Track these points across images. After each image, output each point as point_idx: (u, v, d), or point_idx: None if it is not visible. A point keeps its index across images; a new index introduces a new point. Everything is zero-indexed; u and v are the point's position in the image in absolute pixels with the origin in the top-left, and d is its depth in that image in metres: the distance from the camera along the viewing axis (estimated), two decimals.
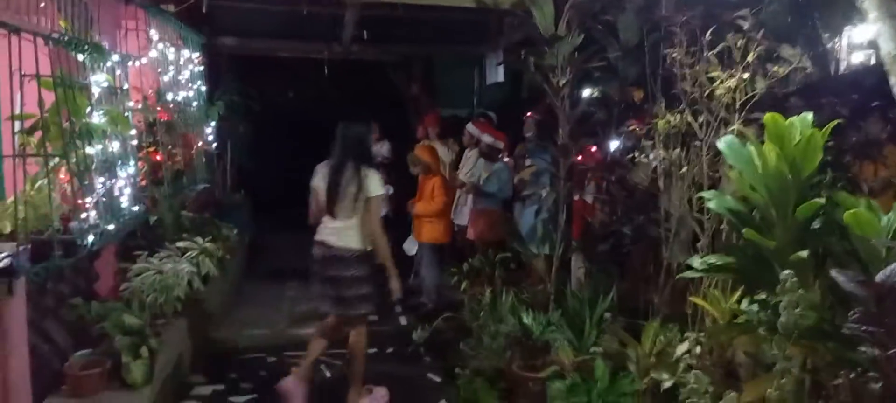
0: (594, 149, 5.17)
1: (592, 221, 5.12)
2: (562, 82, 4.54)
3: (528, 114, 7.24)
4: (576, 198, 5.30)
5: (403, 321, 6.43)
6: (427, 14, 8.14)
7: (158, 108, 6.11)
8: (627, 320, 4.35)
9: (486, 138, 7.00)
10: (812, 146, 2.75)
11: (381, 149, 8.74)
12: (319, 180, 4.62)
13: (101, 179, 4.38)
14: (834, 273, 2.17)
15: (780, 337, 2.28)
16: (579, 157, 4.99)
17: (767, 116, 2.85)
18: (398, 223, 7.59)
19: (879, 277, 2.04)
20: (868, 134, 4.36)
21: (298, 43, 9.21)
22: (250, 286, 7.54)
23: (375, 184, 4.42)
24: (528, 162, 6.72)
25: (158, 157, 5.78)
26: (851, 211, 2.52)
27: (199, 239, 5.36)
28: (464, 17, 8.30)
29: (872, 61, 6.50)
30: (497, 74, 9.52)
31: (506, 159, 7.16)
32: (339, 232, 4.46)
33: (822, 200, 2.67)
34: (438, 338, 5.56)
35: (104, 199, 4.39)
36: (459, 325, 5.38)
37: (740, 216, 3.01)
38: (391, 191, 8.28)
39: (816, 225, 2.88)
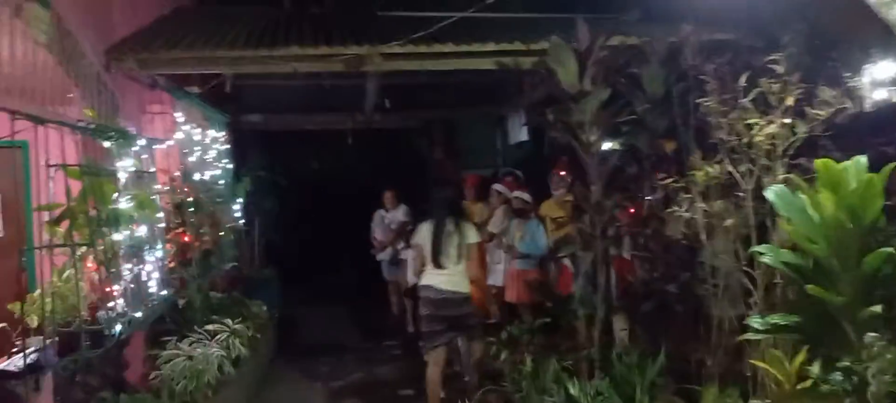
0: (632, 210, 5.02)
1: (633, 279, 4.91)
2: (591, 138, 4.42)
3: (555, 170, 7.11)
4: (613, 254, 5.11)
5: (441, 394, 6.18)
6: (447, 78, 8.18)
7: (185, 189, 6.12)
8: (678, 384, 4.10)
9: (519, 195, 6.88)
10: (871, 191, 2.57)
11: (397, 215, 8.60)
12: (423, 237, 5.27)
13: (129, 265, 4.33)
14: None
15: None
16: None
17: (819, 162, 2.68)
18: None
19: None
20: None
21: (322, 115, 9.31)
22: (283, 364, 7.37)
23: (472, 233, 5.29)
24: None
25: (186, 238, 5.75)
26: None
27: (229, 321, 5.26)
28: (484, 80, 8.33)
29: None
30: (520, 133, 9.46)
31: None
32: (450, 279, 5.17)
33: (891, 249, 2.47)
34: None
35: (132, 286, 4.34)
36: (502, 398, 5.12)
37: (799, 270, 2.81)
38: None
39: (884, 275, 2.66)
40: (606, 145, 5.21)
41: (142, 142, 4.88)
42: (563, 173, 6.81)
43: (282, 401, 6.08)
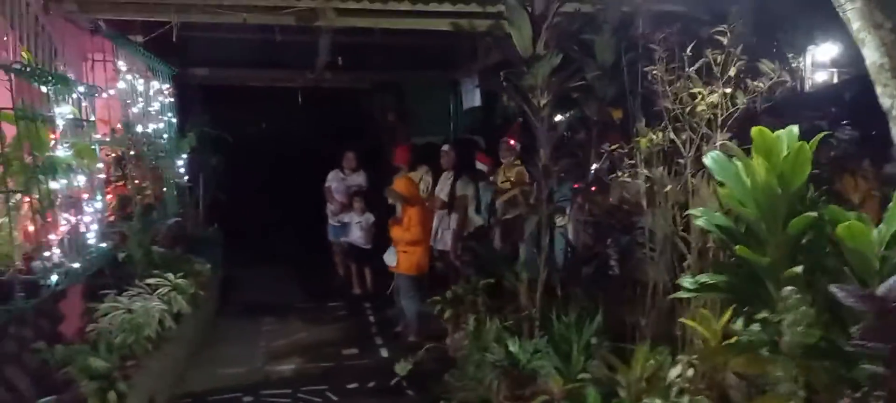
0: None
1: (576, 244, 5.04)
2: (542, 103, 4.48)
3: (505, 138, 7.18)
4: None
5: (385, 353, 6.26)
6: (400, 39, 8.09)
7: (127, 141, 5.93)
8: (615, 344, 4.25)
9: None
10: (801, 159, 2.71)
11: (357, 178, 8.58)
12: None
13: (66, 215, 4.20)
14: (833, 288, 2.10)
15: (785, 358, 2.19)
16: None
17: (755, 130, 2.80)
18: (379, 254, 7.41)
19: (881, 291, 1.97)
20: (846, 147, 4.38)
21: (271, 71, 9.10)
22: (225, 322, 7.29)
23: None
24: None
25: (127, 191, 5.60)
26: (844, 224, 2.47)
27: (171, 276, 5.16)
28: (437, 42, 8.27)
29: (834, 79, 6.64)
30: (473, 99, 9.48)
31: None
32: None
33: (814, 214, 2.62)
34: (421, 370, 5.40)
35: (69, 236, 4.21)
36: (443, 356, 5.22)
37: (730, 232, 2.95)
38: (372, 220, 8.14)
39: (808, 239, 2.82)
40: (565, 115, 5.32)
41: (81, 89, 4.70)
42: (512, 142, 6.89)
43: (223, 359, 6.03)
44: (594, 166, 5.29)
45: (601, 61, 5.22)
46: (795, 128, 2.86)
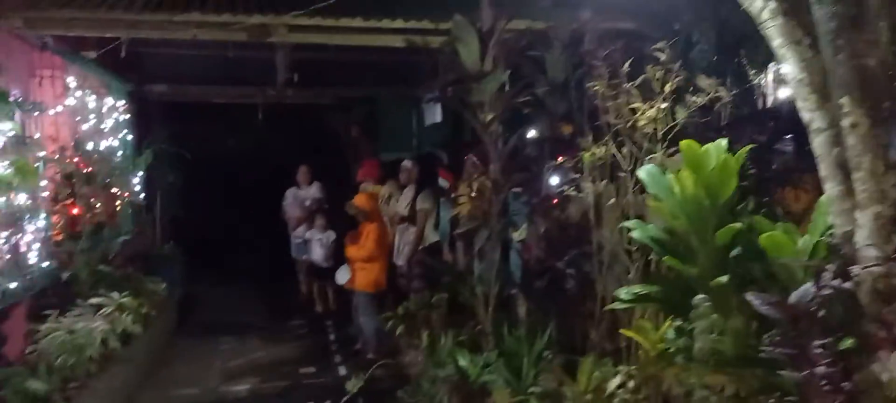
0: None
1: (529, 257, 5.07)
2: (488, 118, 4.52)
3: (467, 156, 7.21)
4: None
5: (342, 371, 6.19)
6: (363, 55, 8.09)
7: (77, 159, 5.82)
8: (566, 356, 4.27)
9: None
10: (727, 171, 2.76)
11: (311, 191, 8.52)
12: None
13: (5, 234, 4.10)
14: (749, 296, 2.14)
15: (698, 365, 2.22)
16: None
17: (683, 143, 2.86)
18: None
19: (793, 298, 2.02)
20: (787, 161, 4.48)
21: (231, 88, 9.02)
22: (182, 342, 7.16)
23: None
24: None
25: (75, 210, 5.49)
26: (767, 234, 2.52)
27: (116, 295, 5.05)
28: (400, 58, 8.26)
29: None
30: (434, 115, 9.50)
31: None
32: None
33: (740, 225, 2.67)
34: (376, 387, 5.35)
35: (8, 256, 4.11)
36: (399, 372, 5.19)
37: (663, 244, 2.99)
38: (333, 237, 8.08)
39: (737, 250, 2.87)
40: (530, 133, 5.37)
41: (23, 105, 4.61)
42: (476, 159, 6.91)
43: (178, 379, 5.91)
44: (556, 180, 5.34)
45: (552, 78, 5.30)
46: (724, 142, 2.92)
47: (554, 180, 5.22)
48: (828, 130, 2.64)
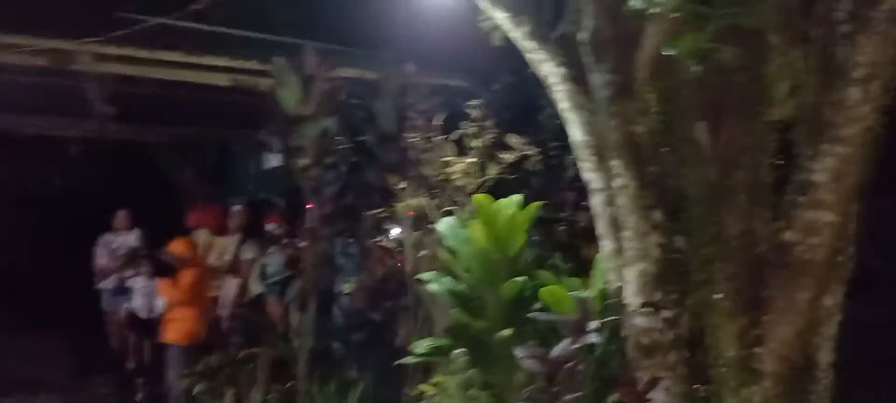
0: None
1: (347, 308, 4.94)
2: (308, 163, 4.40)
3: (309, 204, 7.00)
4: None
5: None
6: (200, 94, 7.65)
7: None
8: None
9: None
10: (516, 225, 2.83)
11: (128, 239, 7.81)
12: None
13: None
14: (517, 351, 2.15)
15: None
16: None
17: (476, 197, 2.90)
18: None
19: (553, 352, 2.05)
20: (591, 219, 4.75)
21: (40, 119, 8.14)
22: None
23: None
24: None
25: None
26: (546, 288, 2.58)
27: None
28: (242, 99, 7.95)
29: None
30: (274, 159, 9.19)
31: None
32: None
33: (523, 279, 2.73)
34: None
35: None
36: None
37: (458, 296, 2.99)
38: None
39: (527, 303, 2.93)
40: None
41: None
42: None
43: None
44: (396, 230, 5.28)
45: (382, 128, 5.30)
46: (518, 197, 3.00)
47: (385, 230, 5.18)
48: (604, 191, 2.81)
